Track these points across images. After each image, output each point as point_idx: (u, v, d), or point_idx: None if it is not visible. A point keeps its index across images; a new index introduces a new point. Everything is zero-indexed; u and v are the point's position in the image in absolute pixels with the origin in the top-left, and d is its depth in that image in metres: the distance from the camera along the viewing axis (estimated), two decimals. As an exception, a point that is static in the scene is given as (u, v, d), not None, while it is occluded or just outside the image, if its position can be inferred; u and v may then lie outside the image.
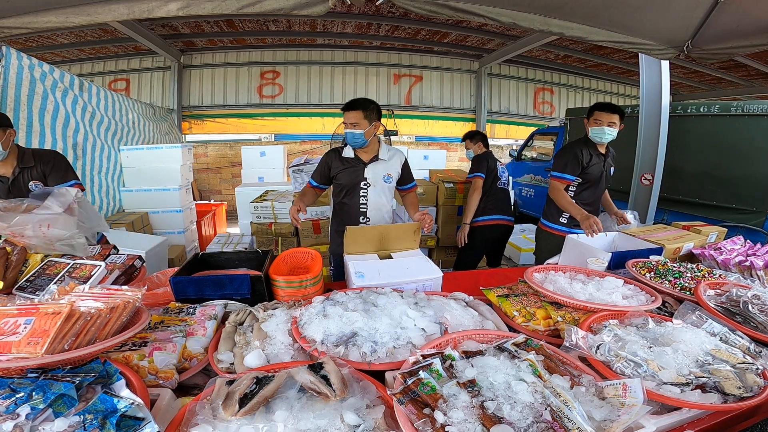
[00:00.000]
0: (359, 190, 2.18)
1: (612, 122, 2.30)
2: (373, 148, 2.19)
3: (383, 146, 2.21)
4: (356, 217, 2.21)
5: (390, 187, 2.23)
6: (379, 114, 2.13)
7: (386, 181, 2.19)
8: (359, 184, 2.17)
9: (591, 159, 2.41)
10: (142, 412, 0.77)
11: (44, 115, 2.99)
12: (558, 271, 1.63)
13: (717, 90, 8.48)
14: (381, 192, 2.19)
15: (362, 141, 2.08)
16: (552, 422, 0.76)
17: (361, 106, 2.05)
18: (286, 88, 7.14)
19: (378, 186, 2.18)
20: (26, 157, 1.87)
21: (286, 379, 0.88)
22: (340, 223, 2.23)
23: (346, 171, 2.18)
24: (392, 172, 2.21)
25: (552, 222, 2.60)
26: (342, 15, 5.44)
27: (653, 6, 1.97)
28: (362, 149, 2.17)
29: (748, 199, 3.38)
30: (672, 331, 1.12)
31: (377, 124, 2.10)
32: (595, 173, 2.43)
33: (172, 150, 4.18)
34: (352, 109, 2.05)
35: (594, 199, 2.52)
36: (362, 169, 2.16)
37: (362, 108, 2.04)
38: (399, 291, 1.42)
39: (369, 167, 2.16)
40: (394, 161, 2.22)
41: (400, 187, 2.32)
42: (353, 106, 2.06)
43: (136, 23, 4.95)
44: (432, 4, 1.75)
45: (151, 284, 1.64)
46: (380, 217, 2.21)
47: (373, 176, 2.17)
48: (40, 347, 0.82)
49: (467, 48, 7.03)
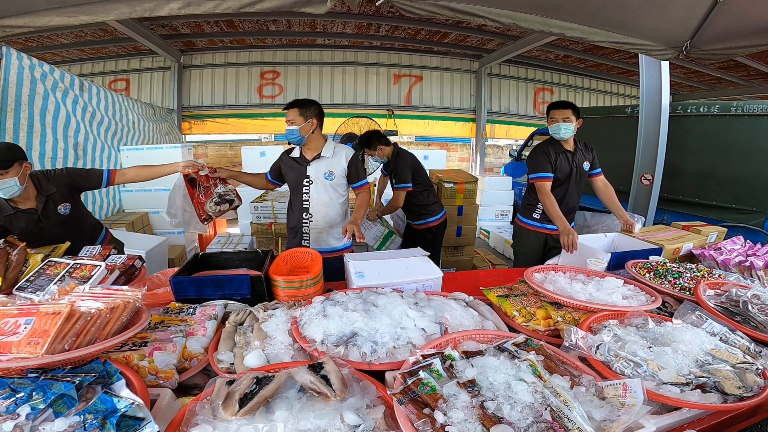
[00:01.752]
0: (302, 188, 2.22)
1: (566, 117, 2.36)
2: (316, 146, 2.21)
3: (329, 144, 2.22)
4: (300, 213, 2.25)
5: (333, 183, 2.22)
6: (319, 114, 2.18)
7: (327, 178, 2.19)
8: (302, 182, 2.21)
9: (557, 157, 2.47)
10: (142, 412, 0.77)
11: (45, 115, 2.99)
12: (558, 272, 1.63)
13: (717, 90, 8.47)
14: (323, 189, 2.21)
15: (298, 137, 2.13)
16: (552, 422, 0.76)
17: (297, 104, 2.13)
18: (286, 89, 7.13)
19: (319, 183, 2.20)
20: (44, 185, 1.85)
21: (286, 379, 0.88)
22: (289, 221, 2.36)
23: (291, 169, 2.25)
24: (335, 169, 2.20)
25: (526, 217, 2.69)
26: (342, 15, 5.44)
27: (652, 6, 1.97)
28: (306, 147, 2.22)
29: (748, 199, 3.37)
30: (672, 331, 1.12)
31: (313, 120, 2.14)
32: (563, 170, 2.48)
33: (172, 150, 4.18)
34: (289, 107, 2.14)
35: (567, 196, 2.53)
36: (305, 167, 2.20)
37: (298, 106, 2.12)
38: (399, 291, 1.42)
39: (311, 165, 2.19)
40: (337, 158, 2.21)
41: (351, 186, 2.30)
42: (291, 105, 2.14)
43: (136, 23, 4.94)
44: (431, 5, 1.75)
45: (151, 284, 1.64)
46: (324, 214, 2.23)
47: (314, 174, 2.19)
48: (40, 347, 0.82)
49: (467, 48, 7.03)
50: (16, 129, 2.70)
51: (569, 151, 2.49)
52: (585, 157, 2.54)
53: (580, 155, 2.51)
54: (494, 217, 5.54)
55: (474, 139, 8.12)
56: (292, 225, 2.33)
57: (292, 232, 2.36)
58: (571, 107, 2.38)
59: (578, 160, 2.50)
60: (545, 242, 2.63)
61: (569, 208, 2.55)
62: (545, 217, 2.54)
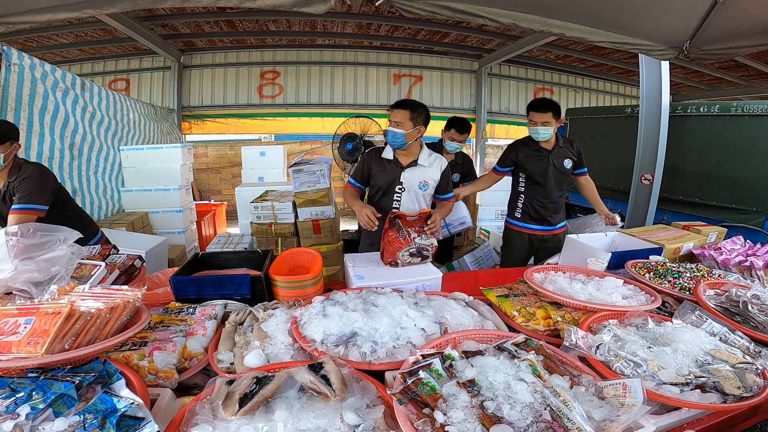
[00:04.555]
0: (393, 194, 2.13)
1: (545, 122, 2.33)
2: (413, 152, 2.12)
3: (425, 152, 2.14)
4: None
5: (425, 194, 2.15)
6: (427, 119, 2.07)
7: (421, 188, 2.11)
8: (394, 188, 2.12)
9: (528, 156, 2.47)
10: (142, 411, 0.77)
11: (44, 115, 2.99)
12: (558, 271, 1.63)
13: (717, 90, 8.46)
14: (415, 198, 2.13)
15: (402, 142, 2.02)
16: (552, 422, 0.76)
17: (410, 106, 2.00)
18: (286, 88, 7.13)
19: (412, 191, 2.11)
20: (14, 170, 1.83)
21: (286, 379, 0.88)
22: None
23: (383, 172, 2.14)
24: (429, 180, 2.12)
25: (509, 216, 2.76)
26: (342, 15, 5.44)
27: (652, 7, 1.96)
28: (402, 151, 2.11)
29: (748, 199, 3.37)
30: (672, 331, 1.12)
31: (422, 128, 2.04)
32: (536, 168, 2.48)
33: (172, 150, 4.18)
34: (399, 107, 2.01)
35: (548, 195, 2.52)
36: (399, 173, 2.10)
37: (410, 108, 2.00)
38: (399, 291, 1.42)
39: (406, 171, 2.10)
40: (433, 168, 2.13)
41: (437, 196, 2.22)
42: (401, 105, 2.01)
43: (136, 23, 4.94)
44: (431, 5, 1.75)
45: (151, 284, 1.64)
46: None
47: (408, 181, 2.10)
48: (40, 347, 0.82)
49: (467, 48, 7.02)
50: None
51: (545, 149, 2.47)
52: (567, 154, 2.50)
53: (559, 152, 2.48)
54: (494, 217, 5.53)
55: (474, 139, 8.11)
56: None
57: (374, 235, 2.05)
58: (551, 110, 2.33)
59: (556, 159, 2.47)
60: (529, 242, 2.64)
61: (553, 207, 2.55)
62: (527, 217, 2.59)
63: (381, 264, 1.76)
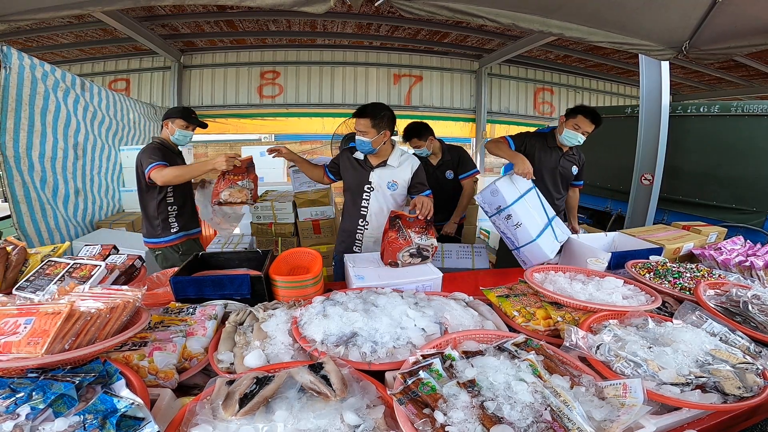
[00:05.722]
0: (362, 194, 2.14)
1: (587, 132, 2.34)
2: (383, 153, 2.12)
3: (396, 151, 2.14)
4: (356, 219, 2.18)
5: (395, 194, 2.14)
6: (392, 121, 2.05)
7: (390, 187, 2.12)
8: (363, 188, 2.13)
9: (542, 148, 2.43)
10: (142, 412, 0.77)
11: (46, 115, 2.99)
12: (558, 271, 1.63)
13: (717, 90, 8.46)
14: (383, 198, 2.13)
15: (370, 149, 2.04)
16: (552, 422, 0.76)
17: (370, 113, 1.97)
18: (286, 88, 7.13)
19: (380, 191, 2.12)
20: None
21: (286, 379, 0.88)
22: (344, 222, 2.28)
23: (353, 172, 2.16)
24: (399, 180, 2.12)
25: None
26: (342, 15, 5.43)
27: (651, 7, 1.97)
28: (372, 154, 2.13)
29: (748, 199, 3.37)
30: (672, 331, 1.12)
31: (387, 132, 2.03)
32: (547, 163, 2.44)
33: (171, 150, 4.18)
34: (360, 116, 1.99)
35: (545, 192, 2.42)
36: (368, 173, 2.12)
37: (370, 116, 1.97)
38: (399, 291, 1.42)
39: (375, 171, 2.11)
40: (403, 168, 2.13)
41: (411, 196, 2.17)
42: (362, 113, 1.99)
43: (136, 23, 4.94)
44: (430, 5, 1.74)
45: (151, 284, 1.64)
46: (380, 224, 2.10)
47: (377, 181, 2.11)
48: (40, 347, 0.82)
49: (467, 48, 7.02)
50: (17, 129, 2.69)
51: (559, 149, 2.46)
52: (575, 161, 2.52)
53: (570, 157, 2.49)
54: (494, 217, 5.52)
55: (474, 139, 8.11)
56: (346, 228, 2.25)
57: (344, 234, 2.27)
58: (598, 124, 2.33)
59: (566, 161, 2.48)
60: None
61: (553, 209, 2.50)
62: None
63: (381, 264, 1.76)
